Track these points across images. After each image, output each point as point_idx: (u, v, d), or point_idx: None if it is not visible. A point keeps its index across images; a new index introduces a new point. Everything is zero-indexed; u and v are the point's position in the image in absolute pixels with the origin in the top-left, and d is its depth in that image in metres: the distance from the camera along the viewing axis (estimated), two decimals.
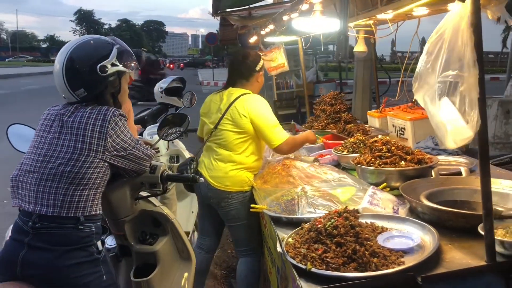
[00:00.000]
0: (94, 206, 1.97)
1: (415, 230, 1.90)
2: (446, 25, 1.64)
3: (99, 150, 1.95)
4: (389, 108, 3.71)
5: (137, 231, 2.39)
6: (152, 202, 2.41)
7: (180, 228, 2.46)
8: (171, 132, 2.52)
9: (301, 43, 4.45)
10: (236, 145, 2.96)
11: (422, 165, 2.43)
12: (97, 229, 1.99)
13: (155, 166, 2.26)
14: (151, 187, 2.28)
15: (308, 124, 3.99)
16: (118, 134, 1.99)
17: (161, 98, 5.14)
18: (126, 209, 2.26)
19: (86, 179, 1.93)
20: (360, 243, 1.69)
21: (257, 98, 2.99)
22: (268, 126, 2.89)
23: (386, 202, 2.17)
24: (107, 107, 2.03)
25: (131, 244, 2.35)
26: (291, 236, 1.93)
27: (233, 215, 3.03)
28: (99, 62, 2.00)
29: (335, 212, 1.85)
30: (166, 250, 2.40)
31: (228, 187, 2.97)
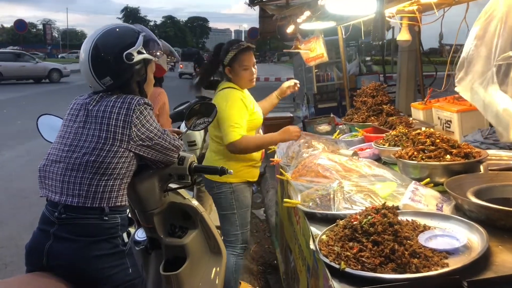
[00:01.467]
0: (120, 197, 1.93)
1: (461, 229, 1.75)
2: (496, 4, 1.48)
3: (124, 140, 1.91)
4: (434, 99, 3.50)
5: (166, 224, 2.34)
6: (182, 195, 2.36)
7: (210, 221, 2.40)
8: (199, 123, 2.46)
9: (340, 32, 4.28)
10: (216, 136, 3.05)
11: (470, 159, 2.25)
12: (122, 220, 1.96)
13: (184, 157, 2.21)
14: (179, 178, 2.23)
15: (348, 117, 3.83)
16: (143, 123, 1.94)
17: None
18: (155, 201, 2.22)
19: (110, 168, 1.89)
20: (399, 242, 1.56)
21: (225, 94, 2.97)
22: (224, 123, 2.88)
23: (429, 199, 2.02)
24: (132, 95, 1.98)
25: (161, 237, 2.31)
26: (325, 233, 1.82)
27: (219, 204, 3.10)
28: (125, 50, 1.96)
29: (372, 208, 1.73)
30: (196, 243, 2.35)
31: (213, 178, 3.02)
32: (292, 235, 2.94)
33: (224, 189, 3.02)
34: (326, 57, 4.33)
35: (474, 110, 3.05)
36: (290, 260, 3.15)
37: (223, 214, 3.10)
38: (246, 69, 3.00)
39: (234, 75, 3.02)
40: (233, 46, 2.98)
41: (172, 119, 4.61)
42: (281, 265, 3.71)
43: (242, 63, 2.98)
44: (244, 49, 2.99)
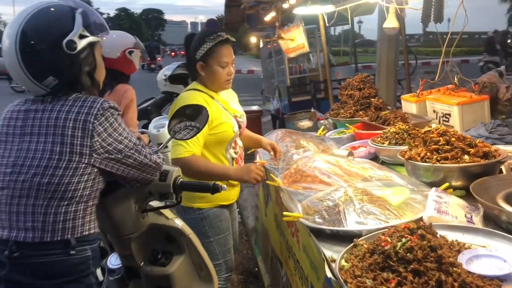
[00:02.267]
0: (87, 224, 1.56)
1: (504, 246, 1.48)
2: None
3: (84, 153, 1.52)
4: (426, 91, 3.26)
5: (146, 249, 1.98)
6: (164, 215, 2.00)
7: (198, 243, 2.05)
8: (183, 128, 2.05)
9: (322, 19, 3.97)
10: None
11: (490, 159, 2.00)
12: (94, 252, 1.58)
13: (167, 171, 1.83)
14: (161, 197, 1.86)
15: (333, 112, 3.55)
16: (109, 132, 1.56)
17: (165, 86, 4.72)
18: (132, 224, 1.86)
19: (70, 191, 1.51)
20: (445, 270, 1.28)
21: (186, 97, 2.41)
22: None
23: (456, 208, 1.75)
24: (93, 97, 1.58)
25: (140, 265, 1.95)
26: (344, 257, 1.51)
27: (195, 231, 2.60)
28: (64, 37, 1.52)
29: (404, 228, 1.43)
30: (183, 271, 1.99)
31: None
32: (284, 247, 2.62)
33: (192, 215, 2.47)
34: (307, 47, 4.04)
35: (476, 102, 2.84)
36: (280, 273, 2.84)
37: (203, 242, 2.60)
38: (223, 67, 2.42)
39: (207, 73, 2.43)
40: (209, 37, 2.39)
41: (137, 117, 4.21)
42: (265, 276, 3.40)
43: (219, 59, 2.40)
44: (222, 41, 2.40)
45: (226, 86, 2.50)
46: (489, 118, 2.85)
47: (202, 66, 2.41)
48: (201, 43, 2.40)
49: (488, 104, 2.85)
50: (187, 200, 2.43)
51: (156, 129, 3.82)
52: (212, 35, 2.40)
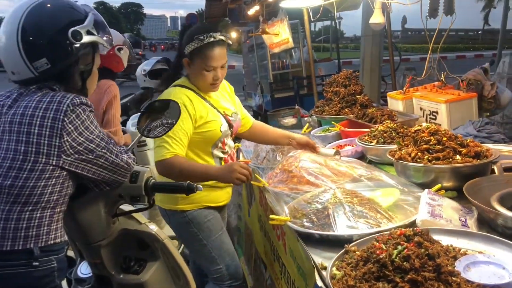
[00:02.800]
0: (53, 232, 1.45)
1: (502, 252, 1.42)
2: None
3: (52, 153, 1.41)
4: (412, 88, 3.20)
5: (118, 257, 1.87)
6: (136, 219, 1.90)
7: (173, 249, 1.96)
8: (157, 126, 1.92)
9: (307, 13, 3.87)
10: None
11: (482, 159, 1.94)
12: (59, 263, 1.48)
13: (137, 172, 1.73)
14: (132, 200, 1.75)
15: (318, 109, 3.46)
16: (80, 130, 1.46)
17: (144, 82, 4.59)
18: (102, 231, 1.75)
19: (36, 195, 1.40)
20: (444, 280, 1.20)
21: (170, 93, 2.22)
22: None
23: (450, 211, 1.68)
24: (63, 93, 1.48)
25: (111, 274, 1.84)
26: (335, 264, 1.43)
27: (180, 236, 2.44)
28: (72, 26, 1.48)
29: (400, 234, 1.35)
30: (157, 279, 1.90)
31: (160, 203, 2.34)
32: (269, 249, 2.53)
33: (177, 218, 2.31)
34: (292, 42, 3.94)
35: (464, 99, 2.80)
36: (264, 276, 2.75)
37: (192, 249, 2.41)
38: (209, 71, 2.21)
39: (192, 70, 2.26)
40: (199, 36, 2.16)
41: None
42: (248, 278, 3.31)
43: (205, 61, 2.19)
44: (213, 43, 2.17)
45: (210, 89, 2.30)
46: (477, 116, 2.81)
47: (188, 63, 2.24)
48: (190, 39, 2.18)
49: (476, 101, 2.81)
50: (169, 202, 2.30)
51: (135, 126, 3.68)
52: (203, 34, 2.16)
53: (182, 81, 2.31)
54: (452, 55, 23.56)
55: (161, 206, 2.34)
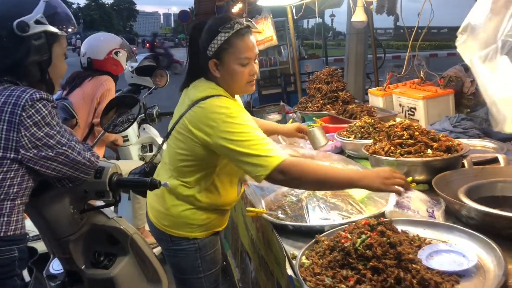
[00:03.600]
0: (14, 224, 1.48)
1: (464, 241, 1.48)
2: None
3: (10, 147, 1.44)
4: (393, 85, 3.27)
5: (87, 252, 1.89)
6: (105, 214, 1.91)
7: (143, 243, 1.97)
8: (122, 122, 1.95)
9: (290, 12, 3.93)
10: (184, 173, 1.90)
11: (452, 153, 2.00)
12: (21, 253, 1.50)
13: (102, 168, 1.75)
14: (98, 195, 1.76)
15: (301, 106, 3.52)
16: (40, 125, 1.47)
17: (131, 78, 4.61)
18: (69, 226, 1.77)
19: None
20: (404, 267, 1.26)
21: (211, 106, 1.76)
22: (247, 144, 1.68)
23: (418, 203, 1.74)
24: (23, 88, 1.49)
25: (81, 269, 1.86)
26: (305, 253, 1.48)
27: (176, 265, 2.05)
28: (18, 17, 1.48)
29: (365, 224, 1.40)
30: (127, 273, 1.91)
31: (166, 228, 1.97)
32: (250, 242, 2.59)
33: (183, 245, 1.97)
34: (276, 40, 3.99)
35: (441, 96, 2.86)
36: (249, 267, 2.80)
37: (183, 279, 2.07)
38: (245, 65, 1.82)
39: (224, 73, 1.83)
40: (224, 26, 1.78)
41: None
42: (235, 271, 3.36)
43: (238, 55, 1.80)
44: (243, 31, 1.81)
45: (249, 88, 1.91)
46: (454, 112, 2.87)
47: (216, 64, 1.82)
48: (214, 34, 1.80)
49: (453, 98, 2.88)
50: (181, 228, 1.96)
51: None
52: (228, 23, 1.79)
53: (217, 91, 1.84)
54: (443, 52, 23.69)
55: (165, 230, 1.97)
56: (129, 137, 3.78)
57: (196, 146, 1.79)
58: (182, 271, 2.04)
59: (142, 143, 3.95)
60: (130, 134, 3.79)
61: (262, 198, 2.05)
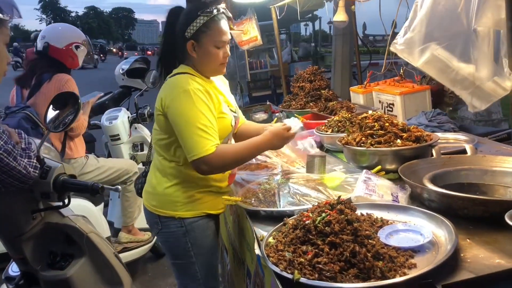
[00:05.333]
0: None
1: (423, 221, 1.56)
2: None
3: None
4: (374, 83, 3.36)
5: (43, 252, 1.84)
6: (60, 212, 1.86)
7: (101, 243, 1.93)
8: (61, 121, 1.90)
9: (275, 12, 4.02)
10: (162, 147, 2.04)
11: (421, 143, 2.08)
12: None
13: (49, 167, 1.71)
14: (43, 197, 1.72)
15: (285, 104, 3.61)
16: None
17: (122, 80, 4.70)
18: (19, 225, 1.73)
19: None
20: (360, 242, 1.33)
21: (180, 81, 1.92)
22: (185, 127, 1.85)
23: (383, 189, 1.81)
24: None
25: (37, 270, 1.82)
26: (271, 234, 1.56)
27: (167, 248, 2.13)
28: None
29: (325, 203, 1.48)
30: (83, 274, 1.86)
31: (155, 208, 2.05)
32: (227, 235, 2.66)
33: (171, 227, 2.02)
34: (260, 40, 4.07)
35: (418, 91, 2.95)
36: (226, 261, 2.87)
37: (177, 264, 2.13)
38: (220, 48, 1.98)
39: (200, 54, 1.97)
40: (203, 10, 1.92)
41: (94, 112, 4.17)
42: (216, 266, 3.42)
43: (215, 37, 1.96)
44: (220, 16, 1.97)
45: (221, 70, 2.06)
46: (430, 107, 2.95)
47: (194, 45, 1.96)
48: (194, 17, 1.93)
49: (429, 93, 2.96)
50: (165, 207, 2.02)
51: (109, 121, 3.81)
52: (207, 7, 1.93)
53: (185, 69, 2.00)
54: None
55: (154, 211, 2.05)
56: (121, 136, 3.86)
57: (160, 117, 1.96)
58: (174, 256, 2.10)
59: (134, 142, 4.03)
60: (122, 133, 3.87)
61: (240, 188, 2.13)
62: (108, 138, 3.89)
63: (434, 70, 1.35)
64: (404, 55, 1.42)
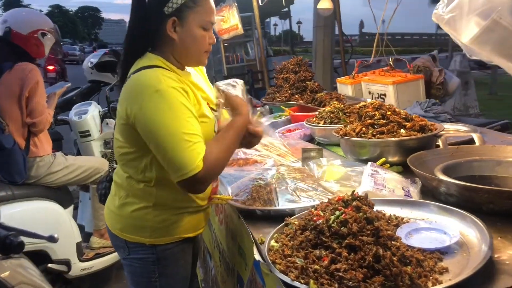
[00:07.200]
0: None
1: (444, 218, 1.38)
2: None
3: None
4: (362, 73, 3.19)
5: None
6: None
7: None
8: None
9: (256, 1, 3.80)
10: (127, 163, 1.62)
11: (426, 133, 1.91)
12: None
13: None
14: None
15: (269, 97, 3.41)
16: None
17: (91, 75, 4.41)
18: None
19: None
20: (383, 244, 1.14)
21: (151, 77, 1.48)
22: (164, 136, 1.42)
23: (393, 183, 1.63)
24: None
25: None
26: (274, 237, 1.35)
27: (128, 271, 1.73)
28: None
29: (338, 200, 1.28)
30: None
31: (120, 232, 1.67)
32: (212, 238, 2.43)
33: (140, 254, 1.65)
34: (241, 28, 3.85)
35: (411, 80, 2.80)
36: (210, 266, 2.64)
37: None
38: (207, 30, 1.57)
39: (184, 35, 1.54)
40: None
41: (60, 108, 3.89)
42: (198, 271, 3.19)
43: (204, 16, 1.55)
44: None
45: (204, 59, 1.64)
46: (424, 97, 2.81)
47: (176, 24, 1.52)
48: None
49: (423, 83, 2.82)
50: (135, 232, 1.64)
51: (78, 115, 3.53)
52: None
53: (153, 61, 1.55)
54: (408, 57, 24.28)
55: (120, 235, 1.67)
56: (91, 132, 3.58)
57: (125, 127, 1.53)
58: (135, 283, 1.72)
59: (105, 139, 3.75)
60: (92, 129, 3.59)
61: (228, 184, 1.91)
62: (77, 135, 3.61)
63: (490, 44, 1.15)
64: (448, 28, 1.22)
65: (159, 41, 1.57)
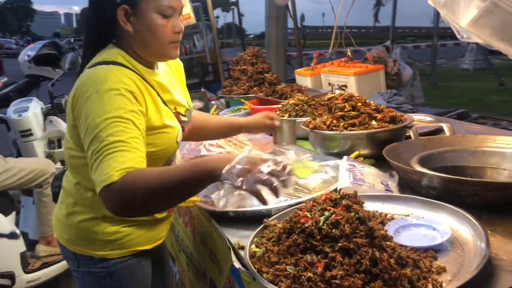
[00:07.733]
0: None
1: (429, 213, 1.33)
2: None
3: None
4: (320, 64, 3.13)
5: None
6: None
7: None
8: None
9: None
10: (75, 168, 1.47)
11: (397, 124, 1.86)
12: None
13: None
14: None
15: (226, 90, 3.27)
16: None
17: (29, 69, 4.07)
18: None
19: None
20: (378, 245, 1.05)
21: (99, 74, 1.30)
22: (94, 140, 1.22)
23: (371, 177, 1.56)
24: None
25: None
26: (254, 241, 1.23)
27: (80, 285, 1.56)
28: None
29: (325, 199, 1.18)
30: None
31: (67, 244, 1.52)
32: (175, 241, 2.28)
33: (91, 267, 1.49)
34: (194, 18, 3.68)
35: (372, 71, 2.77)
36: (173, 270, 2.49)
37: None
38: (167, 17, 1.38)
39: (138, 26, 1.37)
40: None
41: None
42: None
43: (158, 1, 1.34)
44: None
45: (172, 52, 1.44)
46: (385, 88, 2.79)
47: (128, 12, 1.35)
48: None
49: (384, 73, 2.80)
50: (82, 244, 1.48)
51: (17, 113, 3.24)
52: None
53: (113, 55, 1.38)
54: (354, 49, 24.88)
55: (68, 246, 1.51)
56: (33, 130, 3.30)
57: (73, 128, 1.36)
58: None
59: (49, 138, 3.46)
60: (34, 128, 3.30)
61: None
62: (17, 134, 3.31)
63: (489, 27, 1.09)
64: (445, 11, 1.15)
65: (118, 33, 1.40)
